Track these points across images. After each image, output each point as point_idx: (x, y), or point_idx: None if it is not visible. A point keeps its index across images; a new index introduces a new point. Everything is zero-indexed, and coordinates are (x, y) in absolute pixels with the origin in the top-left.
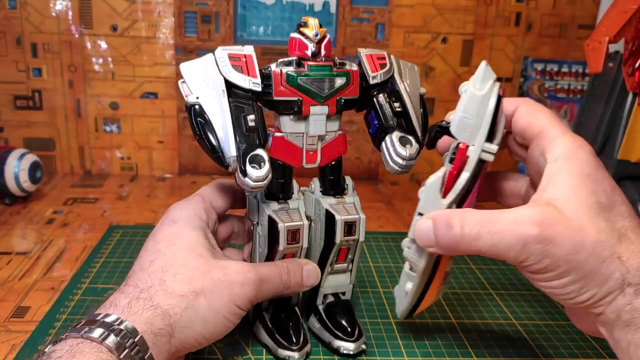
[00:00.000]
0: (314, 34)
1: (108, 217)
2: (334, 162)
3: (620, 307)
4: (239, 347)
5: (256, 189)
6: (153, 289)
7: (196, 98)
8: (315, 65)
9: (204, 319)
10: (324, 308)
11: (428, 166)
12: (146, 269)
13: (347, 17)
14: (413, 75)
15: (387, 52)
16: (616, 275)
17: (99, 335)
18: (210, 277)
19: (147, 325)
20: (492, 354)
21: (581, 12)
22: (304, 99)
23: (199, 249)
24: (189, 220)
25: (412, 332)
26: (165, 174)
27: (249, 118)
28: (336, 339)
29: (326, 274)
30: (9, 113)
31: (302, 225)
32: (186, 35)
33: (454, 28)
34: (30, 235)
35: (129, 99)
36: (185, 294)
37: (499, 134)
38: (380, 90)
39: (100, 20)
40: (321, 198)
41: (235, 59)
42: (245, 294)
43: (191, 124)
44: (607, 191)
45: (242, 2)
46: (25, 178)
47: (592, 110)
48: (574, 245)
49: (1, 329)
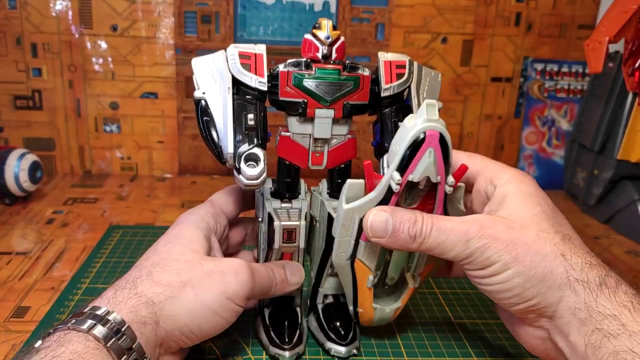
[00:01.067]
0: (326, 37)
1: (108, 217)
2: (343, 165)
3: (574, 305)
4: (239, 347)
5: (250, 187)
6: (139, 280)
7: (202, 93)
8: (322, 68)
9: (191, 310)
10: (322, 308)
11: None
12: (139, 265)
13: (347, 17)
14: (433, 86)
15: (409, 59)
16: (560, 270)
17: (87, 326)
18: (201, 268)
19: (132, 314)
20: (492, 354)
21: (581, 12)
22: (309, 101)
23: (194, 246)
24: (193, 223)
25: (412, 332)
26: (165, 174)
27: (249, 117)
28: (328, 340)
29: (326, 275)
30: (9, 113)
31: (299, 225)
32: (186, 35)
33: (454, 28)
34: (30, 235)
35: (129, 99)
36: (171, 283)
37: (417, 171)
38: (392, 103)
39: (100, 20)
40: (326, 200)
41: (245, 57)
42: (240, 284)
43: (196, 118)
44: (551, 206)
45: (242, 2)
46: (25, 178)
47: (592, 110)
48: (513, 239)
49: (1, 329)
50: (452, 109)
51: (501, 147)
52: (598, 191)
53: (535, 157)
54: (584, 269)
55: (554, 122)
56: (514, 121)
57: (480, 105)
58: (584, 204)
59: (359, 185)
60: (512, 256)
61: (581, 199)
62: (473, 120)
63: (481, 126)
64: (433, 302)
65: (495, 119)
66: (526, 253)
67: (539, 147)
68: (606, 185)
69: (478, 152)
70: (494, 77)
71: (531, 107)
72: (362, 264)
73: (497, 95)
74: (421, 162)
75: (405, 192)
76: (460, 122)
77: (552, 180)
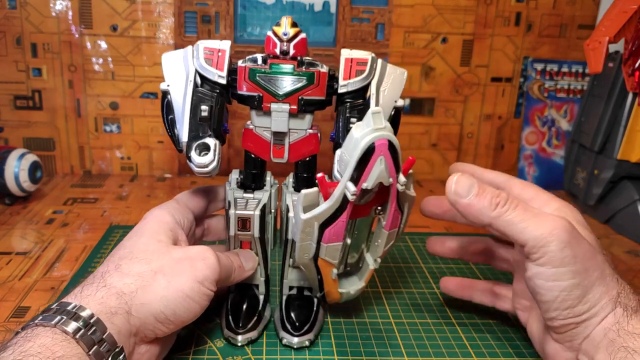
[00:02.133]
0: (283, 33)
1: (108, 217)
2: (307, 159)
3: (609, 326)
4: (239, 346)
5: (201, 174)
6: (107, 274)
7: (167, 86)
8: (276, 63)
9: (165, 297)
10: (285, 299)
11: (428, 166)
12: (106, 261)
13: (347, 17)
14: (396, 83)
15: (372, 56)
16: (613, 293)
17: (55, 321)
18: (170, 256)
19: (101, 306)
20: (492, 354)
21: (581, 12)
22: (264, 96)
23: (159, 237)
24: (158, 216)
25: (412, 332)
26: (165, 174)
27: (202, 108)
28: (283, 330)
29: (287, 267)
30: (9, 113)
31: (253, 215)
32: (186, 35)
33: (454, 28)
34: (30, 235)
35: (129, 99)
36: (141, 273)
37: (370, 179)
38: (352, 99)
39: (100, 20)
40: (289, 193)
41: (209, 53)
42: (209, 269)
43: (160, 108)
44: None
45: (242, 2)
46: (25, 178)
47: (592, 110)
48: (589, 250)
49: (1, 329)
50: (452, 109)
51: (501, 147)
52: (598, 191)
53: (535, 157)
54: (629, 295)
55: (554, 122)
56: (514, 121)
57: (481, 105)
58: (584, 204)
59: (314, 193)
60: (583, 267)
61: (581, 199)
62: (473, 120)
63: (481, 126)
64: (433, 302)
65: (495, 118)
66: (594, 268)
67: (539, 147)
68: (606, 185)
69: (478, 152)
70: (494, 77)
71: (531, 107)
72: (326, 261)
73: (497, 95)
74: (373, 171)
75: (360, 196)
76: (460, 122)
77: (552, 180)
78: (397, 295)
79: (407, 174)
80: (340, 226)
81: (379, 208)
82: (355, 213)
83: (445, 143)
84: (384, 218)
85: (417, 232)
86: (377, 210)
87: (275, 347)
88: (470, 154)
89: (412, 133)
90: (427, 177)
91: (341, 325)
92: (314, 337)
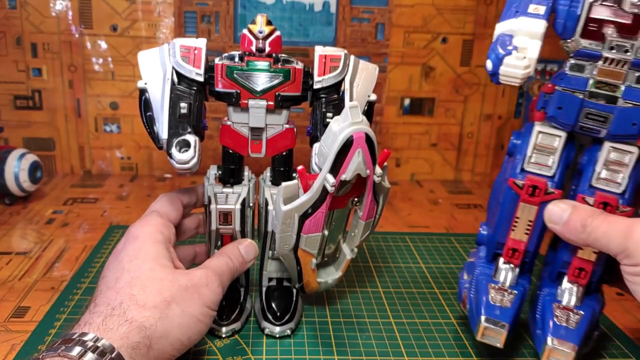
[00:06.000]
0: (259, 31)
1: (108, 217)
2: (284, 154)
3: None
4: (239, 347)
5: (182, 170)
6: (125, 305)
7: (144, 84)
8: (253, 60)
9: (180, 324)
10: (265, 290)
11: (428, 166)
12: (113, 287)
13: (347, 17)
14: (369, 79)
15: (345, 53)
16: None
17: (77, 353)
18: (178, 285)
19: (123, 340)
20: (492, 354)
21: None
22: (242, 92)
23: (161, 261)
24: (150, 236)
25: (412, 332)
26: (165, 174)
27: (181, 105)
28: (264, 320)
29: (267, 258)
30: (9, 113)
31: (234, 209)
32: (186, 35)
33: (454, 28)
34: (30, 235)
35: (129, 99)
36: (157, 305)
37: (348, 171)
38: (327, 94)
39: (100, 20)
40: (269, 187)
41: (185, 50)
42: (213, 293)
43: (138, 106)
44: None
45: (242, 2)
46: (25, 178)
47: None
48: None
49: (1, 329)
50: (452, 109)
51: (501, 147)
52: None
53: None
54: None
55: None
56: (514, 121)
57: (481, 105)
58: None
59: (294, 186)
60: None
61: None
62: (473, 120)
63: (481, 126)
64: (433, 302)
65: (495, 118)
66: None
67: None
68: None
69: (478, 152)
70: None
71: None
72: (305, 251)
73: (497, 95)
74: (352, 163)
75: (338, 187)
76: (460, 122)
77: None
78: (397, 295)
79: (382, 165)
80: (319, 217)
81: (356, 199)
82: (333, 204)
83: (445, 143)
84: (361, 209)
85: (417, 232)
86: (353, 201)
87: (274, 345)
88: (470, 154)
89: (412, 133)
90: (427, 177)
91: (342, 330)
92: (295, 325)
